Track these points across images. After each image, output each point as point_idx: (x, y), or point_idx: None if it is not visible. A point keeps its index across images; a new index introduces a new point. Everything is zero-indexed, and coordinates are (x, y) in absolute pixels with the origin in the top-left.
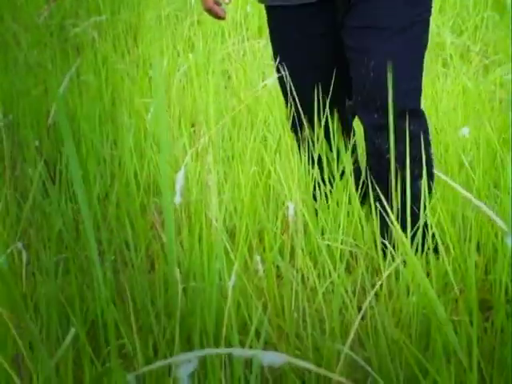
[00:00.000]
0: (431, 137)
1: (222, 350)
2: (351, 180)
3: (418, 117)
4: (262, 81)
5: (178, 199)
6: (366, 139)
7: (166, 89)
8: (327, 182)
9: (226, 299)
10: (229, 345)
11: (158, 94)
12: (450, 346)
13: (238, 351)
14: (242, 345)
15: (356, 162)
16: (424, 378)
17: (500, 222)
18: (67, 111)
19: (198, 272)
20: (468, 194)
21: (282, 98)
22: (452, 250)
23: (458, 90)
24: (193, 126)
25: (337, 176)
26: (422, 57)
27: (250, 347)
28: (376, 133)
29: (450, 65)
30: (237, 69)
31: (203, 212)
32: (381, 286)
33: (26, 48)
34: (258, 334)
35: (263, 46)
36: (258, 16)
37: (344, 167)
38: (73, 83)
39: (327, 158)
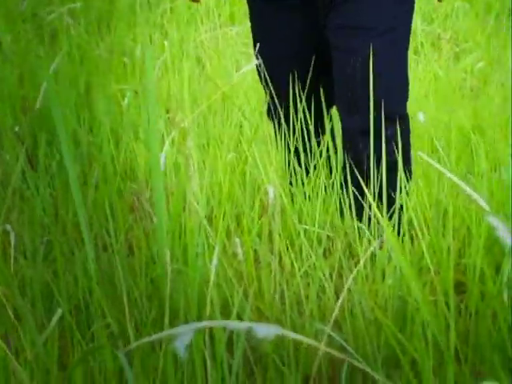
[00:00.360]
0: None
1: (218, 323)
2: (326, 170)
3: (404, 120)
4: (236, 68)
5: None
6: (346, 141)
7: (141, 76)
8: (303, 168)
9: (208, 282)
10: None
11: (149, 82)
12: (427, 326)
13: (233, 324)
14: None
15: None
16: (403, 357)
17: (481, 201)
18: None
19: (179, 255)
20: (450, 175)
21: (259, 86)
22: (427, 234)
23: (429, 77)
24: (167, 112)
25: (311, 165)
26: (407, 54)
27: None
28: (359, 137)
29: (421, 52)
30: (211, 56)
31: (183, 196)
32: (357, 269)
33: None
34: (238, 316)
35: (236, 33)
36: (230, 3)
37: (321, 152)
38: (48, 70)
39: (304, 145)
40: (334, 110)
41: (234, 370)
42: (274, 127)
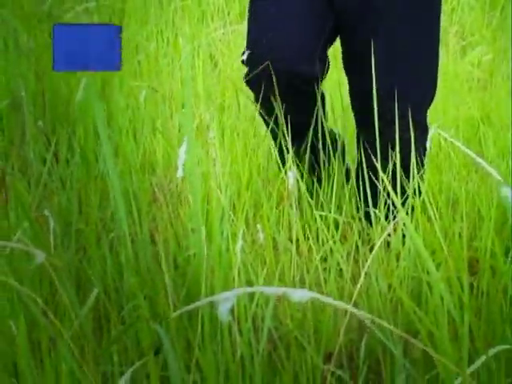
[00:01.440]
0: None
1: (256, 288)
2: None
3: (427, 129)
4: None
5: (180, 173)
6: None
7: (156, 73)
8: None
9: (231, 267)
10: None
11: (186, 83)
12: (442, 303)
13: (268, 289)
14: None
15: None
16: (419, 334)
17: (494, 173)
18: (62, 95)
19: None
20: (465, 149)
21: None
22: (439, 219)
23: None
24: (183, 107)
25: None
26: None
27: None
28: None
29: None
30: (223, 53)
31: (206, 184)
32: (373, 251)
33: (16, 34)
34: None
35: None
36: (239, 0)
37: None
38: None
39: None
40: None
41: (260, 345)
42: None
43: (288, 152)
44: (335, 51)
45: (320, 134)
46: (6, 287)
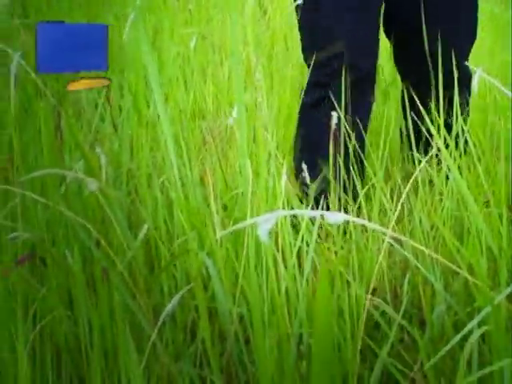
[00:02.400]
0: None
1: (294, 211)
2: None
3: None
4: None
5: (231, 121)
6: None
7: (207, 20)
8: None
9: (276, 201)
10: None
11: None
12: (481, 235)
13: (305, 212)
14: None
15: None
16: (460, 268)
17: None
18: (113, 42)
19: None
20: (508, 93)
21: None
22: (482, 158)
23: (486, 15)
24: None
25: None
26: None
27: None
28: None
29: None
30: (272, 0)
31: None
32: (417, 190)
33: None
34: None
35: None
36: None
37: None
38: (116, 17)
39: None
40: None
41: (304, 274)
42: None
43: None
44: None
45: None
46: (61, 219)
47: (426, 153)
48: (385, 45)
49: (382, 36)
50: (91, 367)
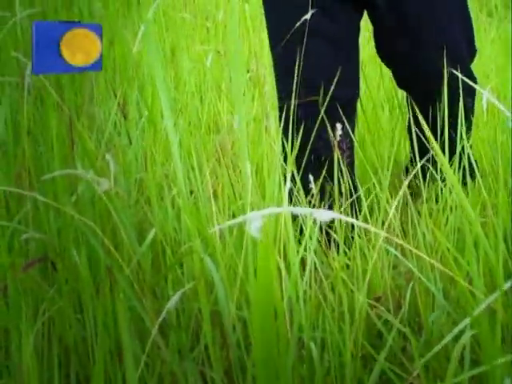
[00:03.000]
0: None
1: (284, 208)
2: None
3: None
4: None
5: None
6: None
7: (223, 38)
8: None
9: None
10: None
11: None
12: (479, 244)
13: (296, 209)
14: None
15: None
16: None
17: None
18: (131, 59)
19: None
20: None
21: None
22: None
23: (504, 37)
24: (248, 71)
25: None
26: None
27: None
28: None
29: (494, 14)
30: None
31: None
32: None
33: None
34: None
35: None
36: None
37: None
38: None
39: None
40: None
41: (305, 278)
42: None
43: None
44: None
45: None
46: (72, 223)
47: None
48: None
49: None
50: (96, 367)
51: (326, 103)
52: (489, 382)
